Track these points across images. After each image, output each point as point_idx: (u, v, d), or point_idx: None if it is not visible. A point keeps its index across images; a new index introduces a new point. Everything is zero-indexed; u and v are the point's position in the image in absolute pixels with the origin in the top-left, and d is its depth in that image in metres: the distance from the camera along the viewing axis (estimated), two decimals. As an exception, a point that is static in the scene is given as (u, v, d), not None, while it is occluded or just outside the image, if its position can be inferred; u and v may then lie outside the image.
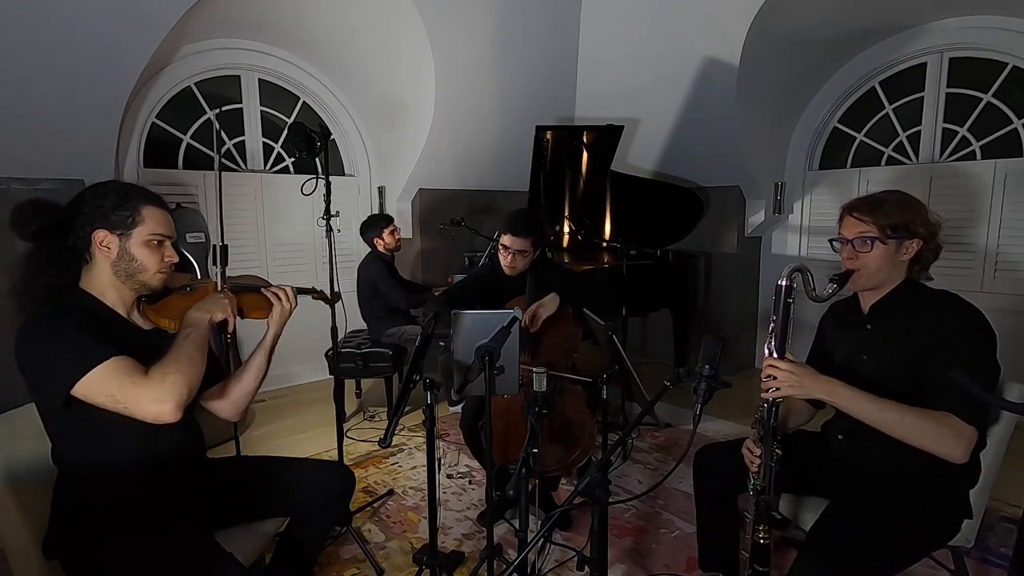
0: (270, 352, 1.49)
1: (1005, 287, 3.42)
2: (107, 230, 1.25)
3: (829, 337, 1.63)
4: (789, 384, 1.33)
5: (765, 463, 1.39)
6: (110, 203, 1.25)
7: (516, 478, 1.46)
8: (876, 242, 1.38)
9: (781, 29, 3.48)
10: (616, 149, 3.74)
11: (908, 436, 1.28)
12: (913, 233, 1.38)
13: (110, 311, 1.29)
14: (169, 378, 1.16)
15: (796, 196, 4.32)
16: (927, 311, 1.38)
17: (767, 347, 1.37)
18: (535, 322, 2.11)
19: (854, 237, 1.41)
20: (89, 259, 1.26)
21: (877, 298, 1.46)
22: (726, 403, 3.33)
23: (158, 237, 1.29)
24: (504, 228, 2.21)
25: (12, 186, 2.74)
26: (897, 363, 1.40)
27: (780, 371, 1.34)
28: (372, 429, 3.33)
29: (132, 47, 2.81)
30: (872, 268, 1.40)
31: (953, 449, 1.25)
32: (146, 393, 1.14)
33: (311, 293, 1.69)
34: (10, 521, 1.27)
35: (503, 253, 2.22)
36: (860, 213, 1.41)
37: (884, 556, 1.32)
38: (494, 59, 3.90)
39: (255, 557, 1.49)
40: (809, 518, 1.52)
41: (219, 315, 1.35)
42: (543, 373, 1.60)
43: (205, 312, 1.33)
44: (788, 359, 1.36)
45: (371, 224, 3.54)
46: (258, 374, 1.49)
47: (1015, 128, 3.39)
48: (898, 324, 1.41)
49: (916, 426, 1.27)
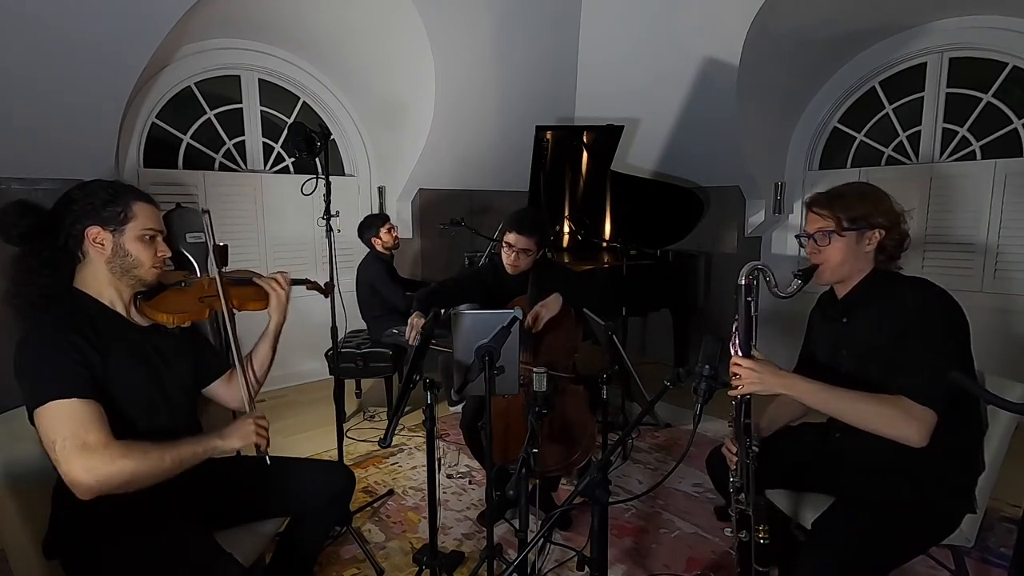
0: (274, 341, 1.57)
1: (1005, 287, 3.42)
2: (100, 226, 1.24)
3: (815, 333, 1.64)
4: (751, 381, 1.34)
5: (741, 461, 1.40)
6: (100, 199, 1.24)
7: (516, 478, 1.46)
8: (833, 235, 1.40)
9: (781, 29, 3.48)
10: (616, 149, 3.74)
11: (865, 423, 1.29)
12: (872, 224, 1.39)
13: (108, 310, 1.29)
14: (121, 462, 1.11)
15: (796, 196, 4.31)
16: (896, 299, 1.39)
17: (731, 346, 1.37)
18: (537, 323, 2.11)
19: (814, 232, 1.43)
20: (82, 257, 1.25)
21: (847, 290, 1.48)
22: (726, 403, 3.33)
23: (150, 232, 1.29)
24: (509, 226, 2.21)
25: (12, 186, 2.74)
26: (872, 355, 1.40)
27: (743, 369, 1.35)
28: (372, 429, 3.33)
29: (132, 47, 2.81)
30: (834, 261, 1.42)
31: (907, 431, 1.25)
32: (86, 460, 1.09)
33: (304, 283, 1.73)
34: (10, 521, 1.27)
35: (506, 251, 2.22)
36: (819, 207, 1.44)
37: (886, 552, 1.32)
38: (494, 59, 3.90)
39: (255, 557, 1.48)
40: (809, 515, 1.52)
41: (237, 444, 1.33)
42: (543, 373, 1.60)
43: (222, 440, 1.31)
44: (753, 357, 1.36)
45: (368, 224, 3.55)
46: (264, 362, 1.56)
47: (1015, 128, 3.39)
48: (868, 315, 1.42)
49: (869, 412, 1.28)
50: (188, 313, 1.38)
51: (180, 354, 1.42)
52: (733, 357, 1.37)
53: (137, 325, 1.34)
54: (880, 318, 1.39)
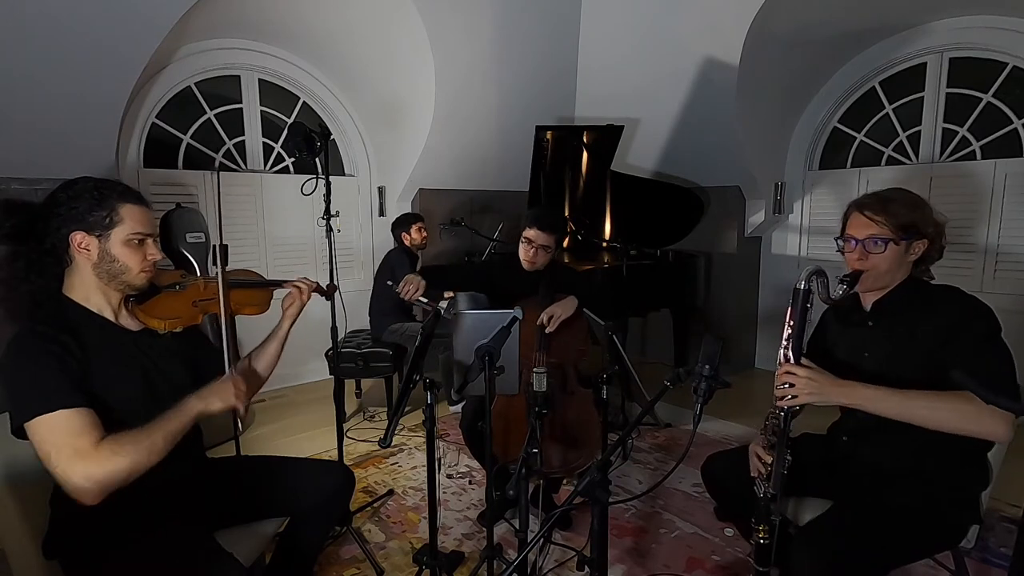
0: (284, 342, 1.57)
1: (1005, 287, 3.42)
2: (84, 232, 1.20)
3: (831, 334, 1.61)
4: (809, 391, 1.27)
5: (777, 471, 1.34)
6: (85, 204, 1.20)
7: (516, 478, 1.46)
8: (889, 244, 1.35)
9: (781, 29, 3.48)
10: (616, 149, 3.74)
11: (941, 422, 1.22)
12: (922, 233, 1.37)
13: (96, 316, 1.26)
14: (116, 459, 1.09)
15: (796, 196, 4.32)
16: (932, 307, 1.36)
17: (782, 352, 1.31)
18: (552, 323, 2.12)
19: (865, 237, 1.37)
20: (69, 262, 1.22)
21: (880, 296, 1.44)
22: (726, 403, 3.34)
23: (138, 236, 1.25)
24: (531, 222, 2.24)
25: (12, 186, 2.74)
26: (901, 361, 1.37)
27: (799, 377, 1.27)
28: (372, 429, 3.33)
29: (132, 47, 2.81)
30: (882, 268, 1.38)
31: (992, 426, 1.19)
32: (82, 466, 1.07)
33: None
34: (10, 521, 1.27)
35: (525, 246, 2.25)
36: (872, 212, 1.37)
37: (885, 550, 1.29)
38: (494, 59, 3.90)
39: (255, 557, 1.48)
40: (809, 518, 1.51)
41: (217, 405, 1.27)
42: (543, 373, 1.60)
43: (201, 401, 1.25)
44: (804, 364, 1.30)
45: (402, 220, 3.67)
46: (271, 362, 1.56)
47: (1015, 128, 3.39)
48: (901, 321, 1.40)
49: (949, 409, 1.21)
50: (180, 319, 1.35)
51: (174, 355, 1.39)
52: (784, 364, 1.30)
53: (127, 330, 1.31)
54: (914, 326, 1.36)
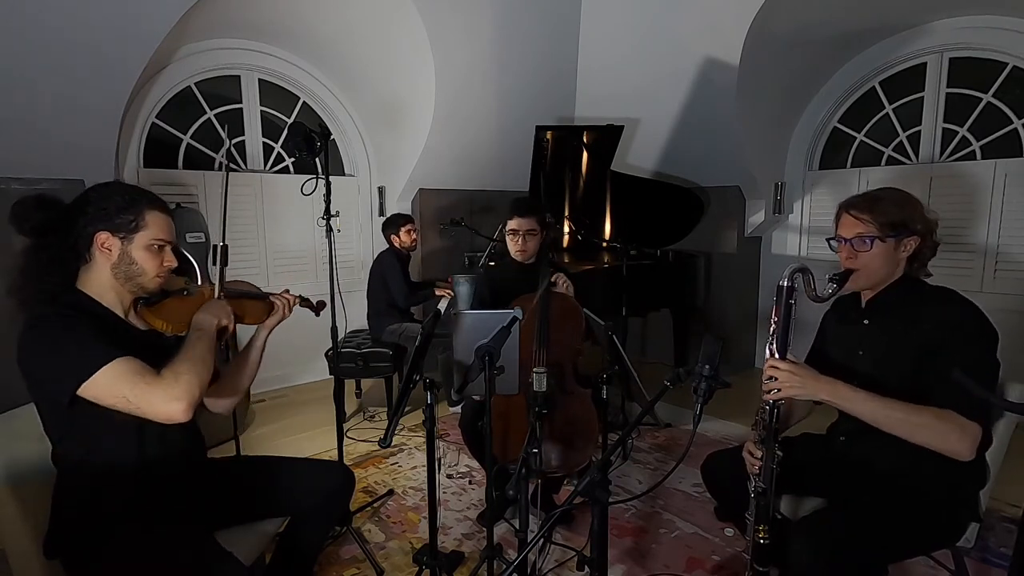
0: (262, 351, 1.61)
1: (1005, 287, 3.42)
2: (110, 232, 1.25)
3: (830, 333, 1.63)
4: (790, 385, 1.32)
5: (767, 466, 1.38)
6: (115, 205, 1.25)
7: (516, 478, 1.46)
8: (876, 241, 1.38)
9: (781, 29, 3.48)
10: (616, 149, 3.74)
11: (913, 435, 1.27)
12: (911, 230, 1.38)
13: (108, 312, 1.29)
14: (182, 378, 1.18)
15: (796, 196, 4.32)
16: (927, 308, 1.38)
17: (768, 348, 1.36)
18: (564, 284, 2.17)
19: (852, 237, 1.41)
20: (89, 259, 1.26)
21: (874, 293, 1.47)
22: (726, 403, 3.34)
23: (160, 242, 1.30)
24: (509, 213, 2.25)
25: (12, 186, 2.74)
26: (894, 359, 1.40)
27: (781, 372, 1.33)
28: (372, 429, 3.33)
29: (132, 47, 2.81)
30: (872, 267, 1.40)
31: (958, 446, 1.24)
32: (159, 393, 1.15)
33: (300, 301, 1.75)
34: (10, 521, 1.27)
35: (513, 240, 2.25)
36: (858, 211, 1.40)
37: (884, 545, 1.30)
38: (494, 59, 3.90)
39: (255, 557, 1.49)
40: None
41: (224, 320, 1.40)
42: (543, 373, 1.60)
43: (213, 316, 1.38)
44: (789, 360, 1.35)
45: (391, 222, 3.68)
46: (253, 370, 1.59)
47: (1015, 128, 3.39)
48: (896, 320, 1.41)
49: (921, 425, 1.26)
50: (186, 323, 1.39)
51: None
52: (769, 360, 1.35)
53: (135, 328, 1.35)
54: (907, 325, 1.38)
